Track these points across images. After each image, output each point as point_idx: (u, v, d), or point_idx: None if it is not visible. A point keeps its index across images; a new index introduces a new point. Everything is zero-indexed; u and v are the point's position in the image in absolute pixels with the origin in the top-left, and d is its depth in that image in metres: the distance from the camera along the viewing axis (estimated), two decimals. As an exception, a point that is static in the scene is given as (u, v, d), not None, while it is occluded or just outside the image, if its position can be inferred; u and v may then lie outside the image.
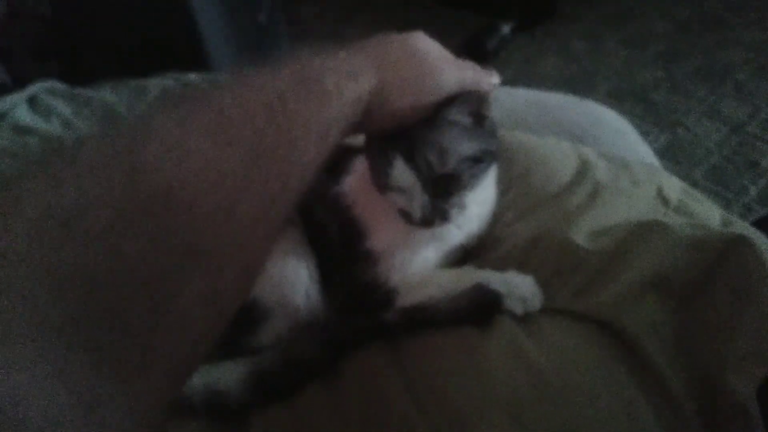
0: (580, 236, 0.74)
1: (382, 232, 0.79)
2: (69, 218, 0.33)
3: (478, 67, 0.69)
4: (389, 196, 0.73)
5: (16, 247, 0.32)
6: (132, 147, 0.37)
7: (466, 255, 0.85)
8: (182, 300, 0.37)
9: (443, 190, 0.70)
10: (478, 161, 0.72)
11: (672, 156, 2.13)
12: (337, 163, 0.85)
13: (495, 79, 0.71)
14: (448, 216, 0.72)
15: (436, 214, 0.70)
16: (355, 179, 0.83)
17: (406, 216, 0.73)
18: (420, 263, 0.79)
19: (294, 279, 0.75)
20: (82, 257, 0.33)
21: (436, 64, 0.63)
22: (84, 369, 0.33)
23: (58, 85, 1.32)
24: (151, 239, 0.35)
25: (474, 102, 0.70)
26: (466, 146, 0.70)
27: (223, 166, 0.39)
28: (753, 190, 1.95)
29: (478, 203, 0.82)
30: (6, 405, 0.29)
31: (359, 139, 0.88)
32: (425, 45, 0.63)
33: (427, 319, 0.70)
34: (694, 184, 1.23)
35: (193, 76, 1.31)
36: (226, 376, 0.67)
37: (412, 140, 0.68)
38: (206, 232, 0.38)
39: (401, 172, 0.68)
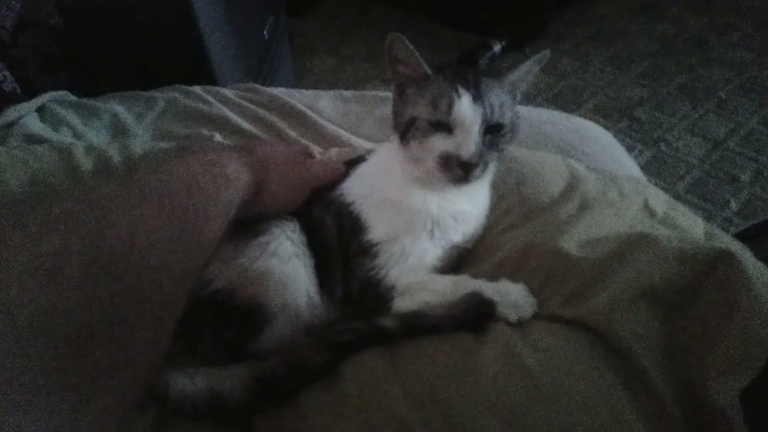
0: (570, 246, 0.76)
1: (383, 224, 0.81)
2: (54, 267, 0.38)
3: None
4: (430, 140, 0.77)
5: (9, 297, 0.36)
6: (97, 205, 0.46)
7: (460, 261, 0.87)
8: (136, 342, 0.44)
9: (488, 141, 0.77)
10: (509, 131, 0.80)
11: (655, 170, 2.18)
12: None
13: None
14: (486, 164, 0.78)
15: (480, 159, 0.75)
16: (354, 182, 0.86)
17: (445, 163, 0.76)
18: (419, 254, 0.81)
19: (296, 279, 0.76)
20: (66, 302, 0.38)
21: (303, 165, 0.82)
22: (65, 408, 0.37)
23: (68, 96, 1.34)
24: (117, 288, 0.42)
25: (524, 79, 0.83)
26: (512, 109, 0.80)
27: (160, 229, 0.49)
28: (734, 204, 2.00)
29: (474, 205, 0.86)
30: None
31: (350, 151, 0.92)
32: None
33: (424, 326, 0.71)
34: (677, 198, 1.27)
35: (198, 89, 1.34)
36: (229, 379, 0.67)
37: (479, 84, 0.76)
38: (156, 285, 0.45)
39: (467, 109, 0.74)
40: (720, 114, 2.43)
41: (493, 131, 0.78)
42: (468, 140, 0.75)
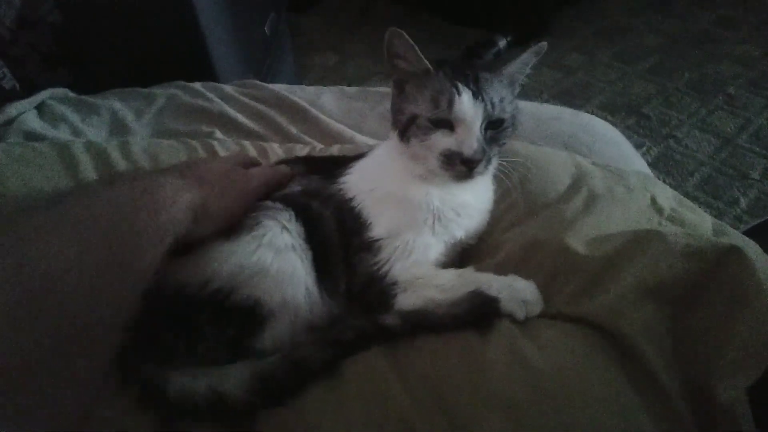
0: (577, 242, 0.75)
1: (385, 220, 0.81)
2: None
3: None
4: (431, 138, 0.77)
5: None
6: (19, 239, 0.46)
7: (464, 257, 0.87)
8: (64, 378, 0.44)
9: (489, 136, 0.77)
10: (510, 124, 0.80)
11: (664, 167, 2.16)
12: (331, 167, 0.89)
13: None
14: (489, 159, 0.78)
15: (483, 155, 0.75)
16: (355, 177, 0.85)
17: (447, 160, 0.76)
18: (422, 250, 0.81)
19: (293, 274, 0.75)
20: None
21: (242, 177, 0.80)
22: None
23: (67, 93, 1.33)
24: (42, 321, 0.41)
25: (522, 71, 0.82)
26: (511, 103, 0.80)
27: (84, 264, 0.48)
28: (744, 201, 1.99)
29: (477, 199, 0.86)
30: None
31: (353, 148, 0.91)
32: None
33: (427, 324, 0.71)
34: (686, 196, 1.25)
35: (198, 85, 1.33)
36: (230, 378, 0.67)
37: (478, 80, 0.76)
38: (80, 316, 0.45)
39: (468, 106, 0.75)
40: (729, 110, 2.41)
41: (494, 126, 0.78)
42: (470, 137, 0.75)
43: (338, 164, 0.89)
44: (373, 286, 0.80)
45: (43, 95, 1.27)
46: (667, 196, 0.88)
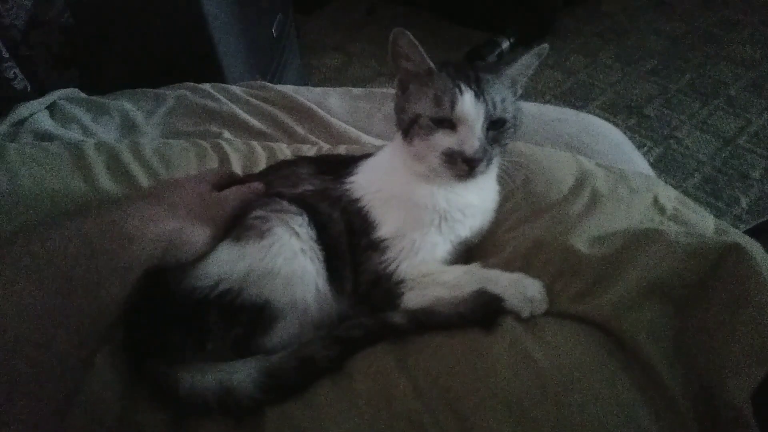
0: (580, 242, 0.76)
1: (392, 220, 0.81)
2: None
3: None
4: (433, 138, 0.77)
5: None
6: None
7: (468, 256, 0.87)
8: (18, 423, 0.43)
9: (490, 136, 0.78)
10: (512, 125, 0.80)
11: (665, 168, 2.17)
12: (339, 168, 0.89)
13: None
14: (490, 159, 0.78)
15: (484, 155, 0.76)
16: (362, 178, 0.86)
17: (449, 159, 0.77)
18: (429, 248, 0.81)
19: (303, 275, 0.76)
20: None
21: (216, 201, 0.77)
22: None
23: (78, 94, 1.35)
24: None
25: (524, 73, 0.82)
26: (513, 104, 0.80)
27: (38, 303, 0.47)
28: (744, 201, 2.00)
29: (482, 199, 0.86)
30: None
31: (359, 148, 0.91)
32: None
33: (433, 322, 0.71)
34: (687, 196, 1.25)
35: (207, 87, 1.34)
36: (239, 373, 0.67)
37: (480, 81, 0.76)
38: (33, 361, 0.44)
39: (470, 106, 0.75)
40: (730, 111, 2.42)
41: (496, 126, 0.78)
42: (471, 136, 0.75)
43: (346, 164, 0.90)
44: (380, 285, 0.80)
45: (54, 96, 1.28)
46: (669, 196, 0.88)
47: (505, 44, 2.78)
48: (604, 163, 0.99)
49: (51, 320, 0.48)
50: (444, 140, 0.77)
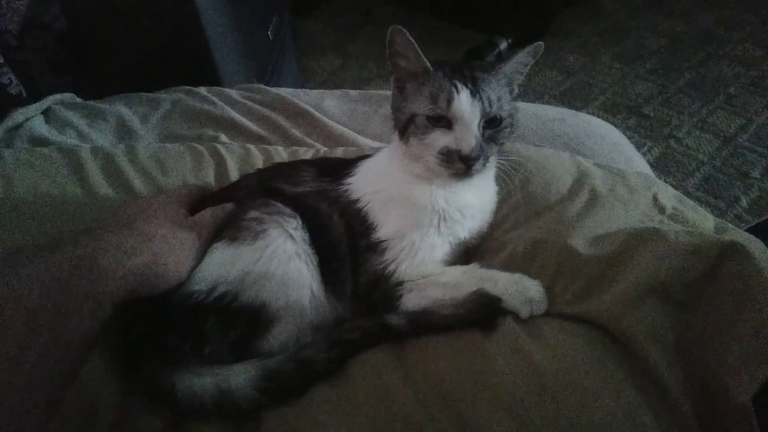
0: (579, 242, 0.76)
1: (391, 221, 0.81)
2: None
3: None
4: (429, 137, 0.78)
5: None
6: None
7: (467, 256, 0.87)
8: None
9: (487, 135, 0.78)
10: (508, 124, 0.80)
11: (665, 168, 2.16)
12: (338, 170, 0.89)
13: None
14: (487, 158, 0.78)
15: (481, 153, 0.76)
16: (360, 179, 0.86)
17: (446, 158, 0.77)
18: (428, 250, 0.81)
19: (299, 278, 0.76)
20: None
21: (191, 226, 0.75)
22: None
23: (73, 98, 1.34)
24: None
25: (519, 71, 0.82)
26: (509, 102, 0.80)
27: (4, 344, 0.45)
28: (744, 201, 1.99)
29: (481, 200, 0.86)
30: None
31: (356, 151, 0.90)
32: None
33: (432, 324, 0.72)
34: (687, 195, 1.24)
35: (203, 90, 1.34)
36: (236, 376, 0.68)
37: (476, 80, 0.77)
38: None
39: (466, 104, 0.75)
40: (730, 110, 2.41)
41: (492, 125, 0.78)
42: (468, 135, 0.76)
43: (345, 166, 0.90)
44: (379, 287, 0.80)
45: (50, 101, 1.28)
46: (668, 195, 0.88)
47: (504, 45, 2.78)
48: (603, 163, 0.99)
49: (16, 360, 0.46)
50: (440, 139, 0.77)
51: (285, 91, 1.35)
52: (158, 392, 0.67)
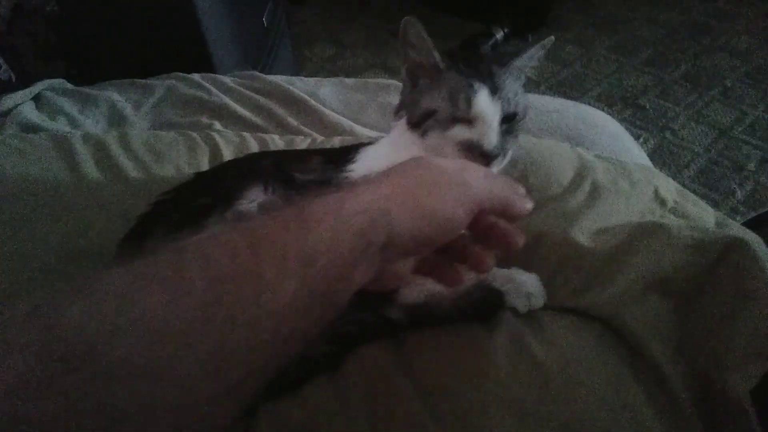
0: (581, 235, 0.75)
1: None
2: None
3: (511, 183, 0.55)
4: (451, 132, 0.76)
5: None
6: (61, 298, 0.34)
7: None
8: None
9: (504, 130, 0.77)
10: (521, 117, 0.80)
11: (660, 159, 2.16)
12: (341, 156, 0.87)
13: (529, 204, 0.53)
14: (506, 153, 0.77)
15: (501, 150, 0.75)
16: (362, 166, 0.84)
17: (467, 149, 0.75)
18: None
19: None
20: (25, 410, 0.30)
21: (459, 173, 0.50)
22: None
23: (64, 84, 1.33)
24: (61, 405, 0.31)
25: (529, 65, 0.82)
26: (523, 95, 0.81)
27: (167, 317, 0.34)
28: (740, 193, 1.99)
29: None
30: None
31: (353, 140, 0.89)
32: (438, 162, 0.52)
33: (431, 317, 0.71)
34: (682, 187, 1.24)
35: (197, 77, 1.32)
36: None
37: (493, 76, 0.76)
38: (134, 394, 0.32)
39: (486, 103, 0.74)
40: (725, 102, 2.41)
41: (508, 119, 0.77)
42: (490, 132, 0.75)
43: (348, 153, 0.88)
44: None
45: (40, 86, 1.26)
46: (669, 188, 0.88)
47: (500, 34, 2.77)
48: (603, 154, 0.98)
49: (177, 340, 0.34)
50: (462, 133, 0.76)
51: (280, 79, 1.33)
52: None
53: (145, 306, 0.33)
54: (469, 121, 0.76)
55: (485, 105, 0.74)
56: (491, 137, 0.74)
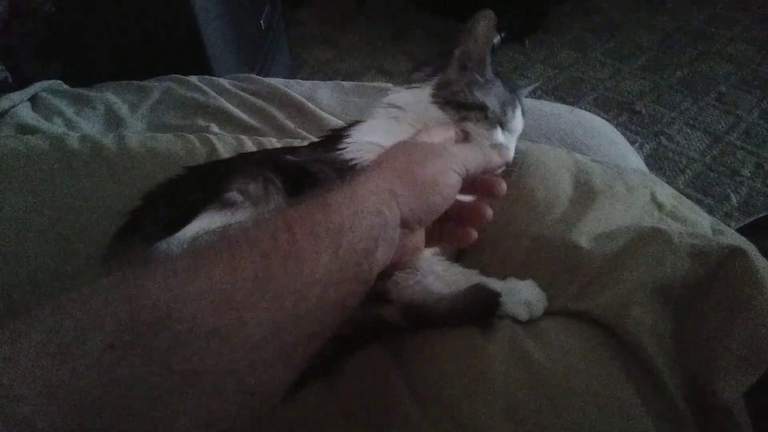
0: (580, 239, 0.75)
1: None
2: (68, 342, 0.33)
3: (481, 147, 0.62)
4: (493, 132, 0.81)
5: (22, 372, 0.32)
6: (136, 273, 0.38)
7: (464, 253, 0.85)
8: (179, 423, 0.36)
9: None
10: None
11: (655, 164, 2.17)
12: (328, 140, 0.89)
13: (502, 157, 0.63)
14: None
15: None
16: (356, 142, 0.84)
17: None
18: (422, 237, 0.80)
19: None
20: (77, 381, 0.32)
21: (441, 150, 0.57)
22: None
23: (61, 85, 1.32)
24: (146, 363, 0.34)
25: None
26: None
27: (228, 287, 0.38)
28: (734, 199, 2.00)
29: None
30: None
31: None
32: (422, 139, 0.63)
33: (428, 318, 0.70)
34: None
35: (194, 79, 1.32)
36: None
37: (520, 98, 0.87)
38: (207, 354, 0.36)
39: (520, 120, 0.86)
40: (721, 108, 2.42)
41: None
42: (513, 144, 0.84)
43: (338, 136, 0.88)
44: None
45: (37, 87, 1.25)
46: (666, 193, 0.88)
47: (496, 39, 2.77)
48: (600, 159, 0.98)
49: (240, 306, 0.39)
50: (499, 137, 0.82)
51: (277, 82, 1.33)
52: None
53: (209, 280, 0.38)
54: (508, 129, 0.83)
55: (519, 120, 0.84)
56: (512, 149, 0.83)
